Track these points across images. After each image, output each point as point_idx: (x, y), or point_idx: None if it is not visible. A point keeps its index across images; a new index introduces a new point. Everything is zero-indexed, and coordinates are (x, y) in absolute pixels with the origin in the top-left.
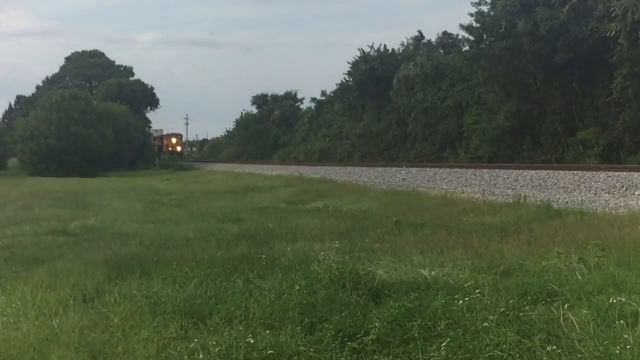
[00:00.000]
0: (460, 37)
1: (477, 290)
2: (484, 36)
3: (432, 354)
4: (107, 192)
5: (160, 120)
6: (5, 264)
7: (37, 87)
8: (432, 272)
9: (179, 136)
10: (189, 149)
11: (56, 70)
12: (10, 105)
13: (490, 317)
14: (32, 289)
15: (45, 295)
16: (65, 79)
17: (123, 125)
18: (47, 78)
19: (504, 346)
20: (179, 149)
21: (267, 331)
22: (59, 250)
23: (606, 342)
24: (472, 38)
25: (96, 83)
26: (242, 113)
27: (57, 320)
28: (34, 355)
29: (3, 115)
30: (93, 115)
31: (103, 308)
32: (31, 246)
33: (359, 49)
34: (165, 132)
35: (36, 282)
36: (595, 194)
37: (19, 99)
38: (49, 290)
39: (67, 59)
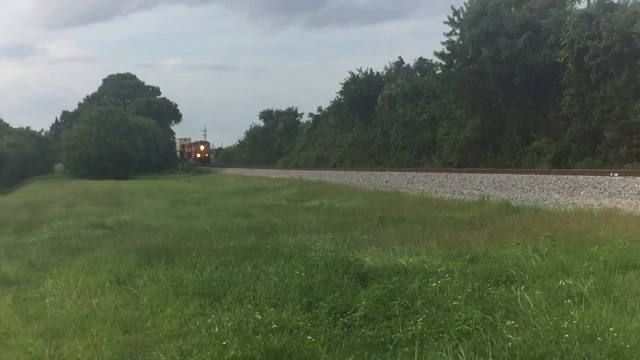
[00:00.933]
0: (434, 62)
1: (448, 275)
2: (454, 61)
3: (410, 328)
4: (138, 192)
5: (182, 132)
6: (52, 253)
7: (79, 104)
8: (410, 259)
9: (206, 144)
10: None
11: (95, 90)
12: (56, 119)
13: (459, 297)
14: (75, 274)
15: (85, 279)
16: (103, 97)
17: (151, 136)
18: (87, 97)
19: (471, 321)
20: (207, 155)
21: (272, 309)
22: (97, 241)
23: (556, 317)
24: (444, 63)
25: (129, 101)
26: (251, 126)
27: (96, 300)
28: (76, 329)
29: (50, 128)
30: (126, 128)
31: (134, 289)
32: (74, 237)
33: (349, 72)
34: (193, 140)
35: (78, 268)
36: (547, 194)
37: (64, 114)
38: (88, 275)
39: (104, 80)
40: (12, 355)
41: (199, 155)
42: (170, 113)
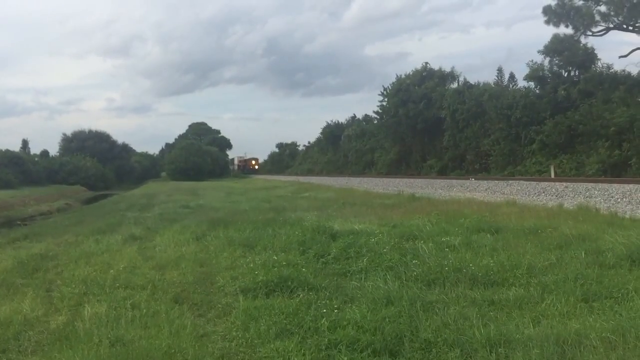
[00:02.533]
0: (373, 116)
1: (381, 234)
2: (384, 116)
3: (359, 264)
4: (207, 188)
5: (233, 154)
6: (160, 222)
7: (175, 139)
8: (360, 226)
9: (256, 159)
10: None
11: (184, 131)
12: (162, 148)
13: (386, 247)
14: (173, 233)
15: (178, 236)
16: (188, 135)
17: (215, 156)
18: (179, 135)
19: (393, 260)
20: (256, 166)
21: (282, 253)
22: (185, 215)
23: (440, 258)
24: (378, 117)
25: (202, 137)
26: (271, 152)
27: (184, 248)
28: (173, 265)
29: (159, 152)
30: (201, 152)
31: (205, 242)
32: (172, 214)
33: (326, 122)
34: (247, 157)
35: (174, 230)
36: (435, 190)
37: (167, 145)
38: (180, 234)
39: (189, 126)
40: (138, 279)
41: (252, 167)
42: (226, 144)
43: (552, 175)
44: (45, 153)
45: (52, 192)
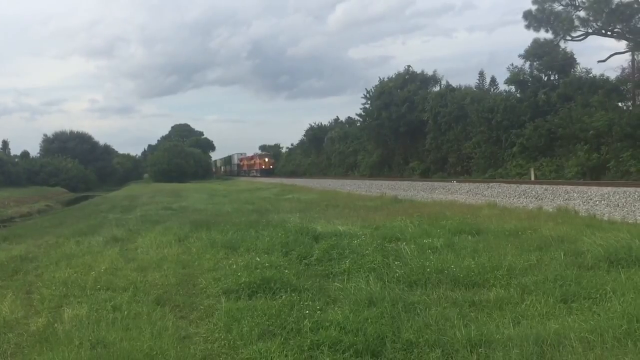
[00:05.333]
0: (356, 119)
1: (363, 236)
2: (367, 119)
3: (342, 265)
4: (190, 190)
5: (215, 156)
6: (142, 223)
7: (158, 141)
8: (343, 227)
9: (270, 155)
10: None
11: (167, 132)
12: (144, 149)
13: (369, 248)
14: (155, 235)
15: (160, 238)
16: (171, 137)
17: (198, 158)
18: (162, 136)
19: (376, 262)
20: (270, 166)
21: (265, 255)
22: (167, 217)
23: (422, 260)
24: (361, 119)
25: (185, 139)
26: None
27: (166, 250)
28: (155, 266)
29: (141, 153)
30: (184, 154)
31: (188, 244)
32: (154, 215)
33: (309, 124)
34: (256, 154)
35: (156, 232)
36: (417, 192)
37: (149, 146)
38: (162, 236)
39: (172, 127)
40: (119, 281)
41: (263, 167)
42: (209, 146)
43: (532, 178)
44: (25, 154)
45: (33, 193)
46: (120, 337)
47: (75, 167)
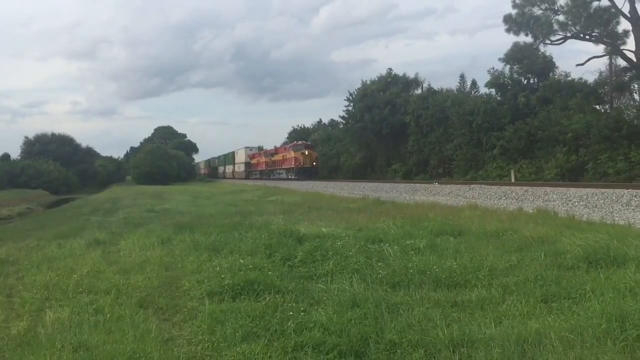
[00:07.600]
0: (339, 121)
1: (347, 237)
2: (350, 121)
3: (325, 267)
4: (173, 192)
5: (198, 159)
6: (124, 226)
7: (141, 143)
8: (326, 229)
9: (311, 146)
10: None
11: (150, 135)
12: (127, 151)
13: (352, 250)
14: (137, 238)
15: (143, 240)
16: (154, 139)
17: (181, 160)
18: (145, 139)
19: (359, 263)
20: (314, 163)
21: (249, 257)
22: (150, 219)
23: (404, 261)
24: (344, 122)
25: (168, 141)
26: None
27: (149, 253)
28: (138, 269)
29: (124, 156)
30: (167, 156)
31: (171, 246)
32: (137, 218)
33: (292, 127)
34: (277, 148)
35: (139, 234)
36: (399, 194)
37: (132, 148)
38: (145, 238)
39: (155, 129)
40: (102, 283)
41: (302, 164)
42: (192, 148)
43: (513, 180)
44: (6, 156)
45: (13, 196)
46: (102, 340)
47: (57, 170)
